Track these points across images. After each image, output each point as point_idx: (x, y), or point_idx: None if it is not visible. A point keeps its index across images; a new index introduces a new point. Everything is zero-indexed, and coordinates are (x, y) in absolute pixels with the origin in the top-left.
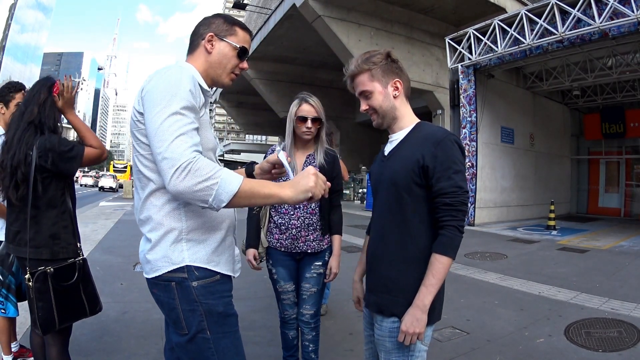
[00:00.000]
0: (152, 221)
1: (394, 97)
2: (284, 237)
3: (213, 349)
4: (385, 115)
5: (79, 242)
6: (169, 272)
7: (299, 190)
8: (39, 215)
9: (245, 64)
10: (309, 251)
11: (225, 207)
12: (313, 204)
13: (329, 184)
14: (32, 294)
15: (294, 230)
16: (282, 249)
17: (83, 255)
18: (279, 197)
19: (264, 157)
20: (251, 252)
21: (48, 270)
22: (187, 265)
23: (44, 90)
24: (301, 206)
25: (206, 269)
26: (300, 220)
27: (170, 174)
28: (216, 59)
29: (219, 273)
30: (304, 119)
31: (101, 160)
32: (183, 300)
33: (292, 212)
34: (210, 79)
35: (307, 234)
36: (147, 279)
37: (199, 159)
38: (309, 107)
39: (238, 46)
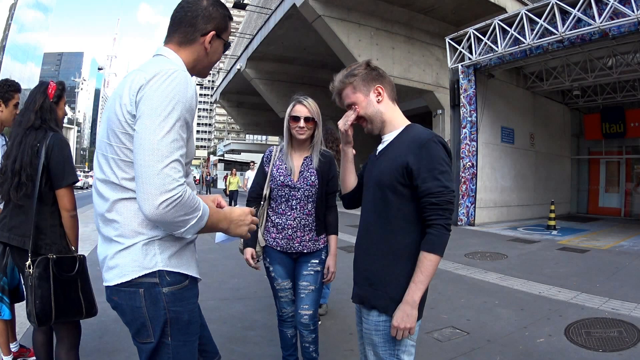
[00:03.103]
0: (122, 227)
1: (378, 102)
2: (280, 236)
3: (171, 356)
4: (373, 121)
5: (70, 245)
6: (139, 277)
7: (241, 226)
8: (29, 205)
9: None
10: (305, 251)
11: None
12: (310, 206)
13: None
14: (32, 281)
15: (290, 230)
16: (278, 248)
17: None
18: (226, 229)
19: (262, 159)
20: (249, 251)
21: (50, 257)
22: (159, 270)
23: (39, 96)
24: (298, 207)
25: (178, 273)
26: (296, 221)
27: (158, 201)
28: (211, 57)
29: (188, 277)
30: (296, 119)
31: (69, 211)
32: (152, 307)
33: (289, 213)
34: (195, 72)
35: (302, 234)
36: (107, 287)
37: (187, 193)
38: (301, 107)
39: (228, 42)
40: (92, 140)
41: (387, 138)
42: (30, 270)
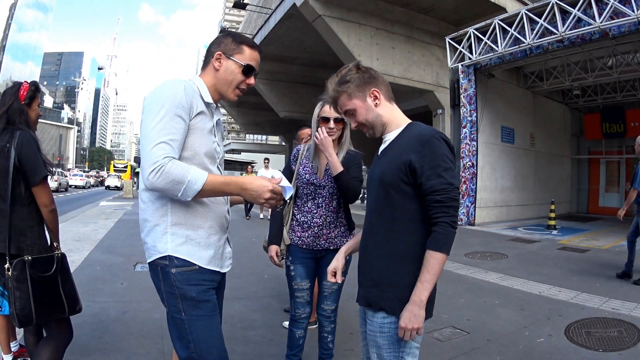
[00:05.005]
0: (144, 214)
1: (376, 106)
2: (306, 234)
3: (187, 329)
4: (374, 126)
5: (48, 243)
6: (157, 259)
7: (255, 200)
8: (5, 209)
9: (251, 80)
10: (331, 248)
11: (194, 198)
12: (335, 203)
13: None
14: (11, 284)
15: (316, 228)
16: (304, 247)
17: (58, 252)
18: (239, 195)
19: (290, 157)
20: (273, 248)
21: (26, 259)
22: (169, 255)
23: (9, 97)
24: (323, 205)
25: (185, 259)
26: (322, 218)
27: (147, 172)
28: (222, 75)
29: (197, 265)
30: (326, 120)
31: (48, 206)
32: (165, 283)
33: (315, 211)
34: (217, 93)
35: (328, 231)
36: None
37: (170, 164)
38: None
39: (243, 64)
40: (92, 140)
41: (389, 137)
42: (9, 272)
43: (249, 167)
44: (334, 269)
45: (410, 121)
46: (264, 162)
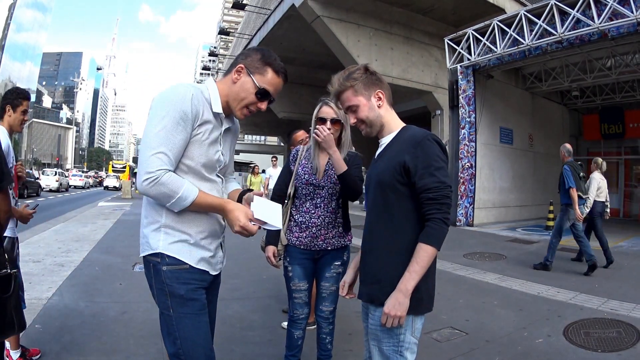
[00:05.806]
0: (144, 211)
1: (379, 107)
2: (304, 235)
3: (174, 326)
4: (373, 125)
5: (5, 255)
6: (149, 255)
7: (232, 223)
8: None
9: (263, 105)
10: (329, 248)
11: (180, 210)
12: (334, 204)
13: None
14: None
15: (314, 228)
16: (302, 247)
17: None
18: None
19: (289, 158)
20: (270, 249)
21: None
22: (160, 252)
23: None
24: (322, 205)
25: (175, 258)
26: (320, 218)
27: (142, 179)
28: (236, 90)
29: (188, 264)
30: (323, 120)
31: (7, 212)
32: (156, 279)
33: (313, 211)
34: (228, 106)
35: (326, 232)
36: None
37: (165, 177)
38: (328, 109)
39: (259, 86)
40: (90, 140)
41: (384, 141)
42: None
43: (257, 167)
44: (343, 282)
45: (404, 125)
46: (272, 161)
